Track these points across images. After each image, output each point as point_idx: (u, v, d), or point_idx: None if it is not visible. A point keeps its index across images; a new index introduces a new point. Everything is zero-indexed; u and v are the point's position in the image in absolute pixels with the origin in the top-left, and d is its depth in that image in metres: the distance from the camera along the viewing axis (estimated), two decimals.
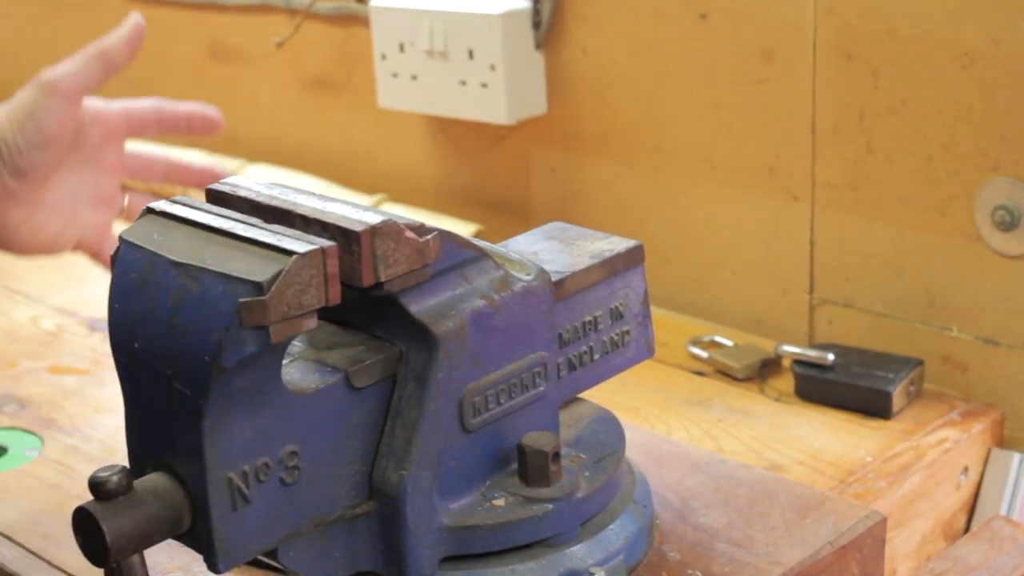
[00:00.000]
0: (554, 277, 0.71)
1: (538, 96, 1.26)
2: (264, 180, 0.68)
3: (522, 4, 1.23)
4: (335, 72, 1.48)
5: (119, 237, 0.63)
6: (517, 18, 1.23)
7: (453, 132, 1.37)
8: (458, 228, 1.26)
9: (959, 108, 0.98)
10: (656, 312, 0.95)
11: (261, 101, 1.58)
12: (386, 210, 0.64)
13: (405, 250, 0.62)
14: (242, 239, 0.59)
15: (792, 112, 1.08)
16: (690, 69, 1.14)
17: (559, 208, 1.29)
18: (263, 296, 0.56)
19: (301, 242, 0.58)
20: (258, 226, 0.60)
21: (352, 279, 0.61)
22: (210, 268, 0.58)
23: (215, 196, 0.66)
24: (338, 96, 1.48)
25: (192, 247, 0.60)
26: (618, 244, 0.77)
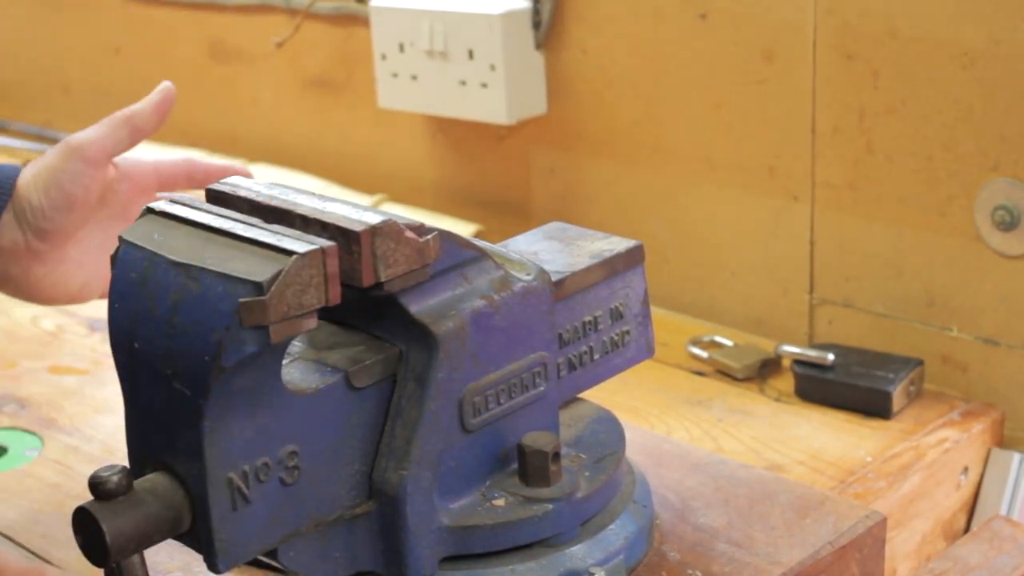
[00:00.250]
0: (554, 277, 0.71)
1: (538, 96, 1.25)
2: (264, 180, 0.68)
3: (522, 4, 1.23)
4: (335, 72, 1.48)
5: (119, 237, 0.63)
6: (517, 18, 1.23)
7: (453, 132, 1.37)
8: (458, 228, 1.26)
9: (959, 108, 0.98)
10: (656, 312, 0.95)
11: (261, 101, 1.58)
12: (386, 210, 0.64)
13: (405, 250, 0.62)
14: (242, 239, 0.59)
15: (792, 112, 1.08)
16: (690, 69, 1.14)
17: (559, 208, 1.29)
18: (263, 296, 0.56)
19: (301, 242, 0.58)
20: (258, 226, 0.60)
21: (352, 279, 0.61)
22: (210, 268, 0.58)
23: (215, 196, 0.66)
24: (338, 96, 1.48)
25: (192, 247, 0.60)
26: (618, 244, 0.77)
